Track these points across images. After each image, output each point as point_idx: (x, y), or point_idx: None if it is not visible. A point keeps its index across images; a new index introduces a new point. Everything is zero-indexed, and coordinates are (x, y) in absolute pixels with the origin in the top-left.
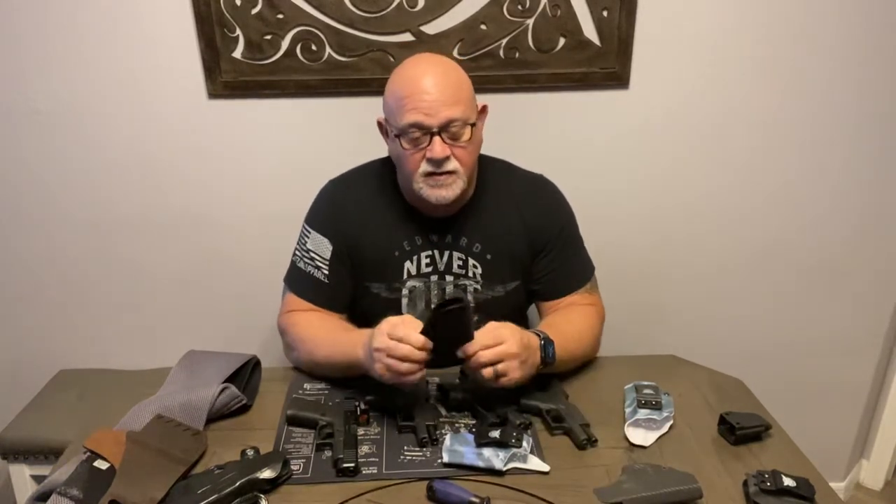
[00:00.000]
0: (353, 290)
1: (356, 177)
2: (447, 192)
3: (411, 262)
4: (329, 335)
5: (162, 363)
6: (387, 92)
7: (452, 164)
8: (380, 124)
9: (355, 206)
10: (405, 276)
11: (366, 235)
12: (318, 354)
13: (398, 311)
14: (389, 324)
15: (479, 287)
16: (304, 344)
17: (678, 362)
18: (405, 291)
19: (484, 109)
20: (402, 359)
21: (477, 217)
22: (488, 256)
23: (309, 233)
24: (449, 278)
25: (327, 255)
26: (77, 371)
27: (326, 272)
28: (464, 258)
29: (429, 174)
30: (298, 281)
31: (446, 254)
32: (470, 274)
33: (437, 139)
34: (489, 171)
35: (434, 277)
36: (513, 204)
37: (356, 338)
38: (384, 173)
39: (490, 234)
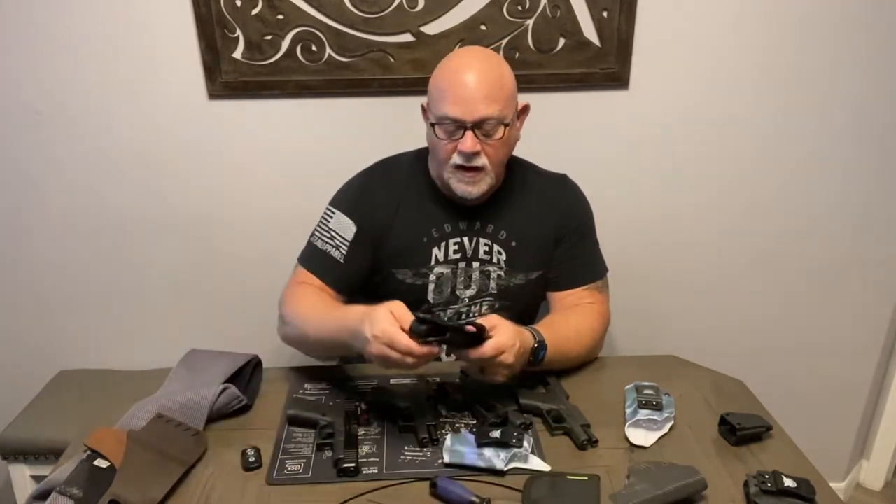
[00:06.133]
0: (372, 277)
1: (387, 166)
2: (473, 188)
3: (439, 248)
4: (319, 311)
5: (162, 363)
6: (431, 79)
7: (481, 161)
8: (423, 108)
9: (385, 194)
10: (433, 262)
11: (395, 223)
12: (305, 329)
13: (423, 297)
14: (389, 315)
15: (502, 274)
16: (294, 317)
17: (679, 363)
18: (432, 278)
19: (525, 109)
20: (402, 352)
21: (504, 206)
22: (513, 244)
23: (333, 213)
24: (475, 264)
25: (349, 236)
26: (77, 371)
27: (344, 252)
28: (490, 244)
29: (458, 167)
30: (312, 257)
31: (474, 240)
32: (495, 260)
33: (469, 133)
34: (517, 166)
35: (462, 264)
36: (538, 197)
37: (344, 315)
38: (415, 163)
39: (516, 222)
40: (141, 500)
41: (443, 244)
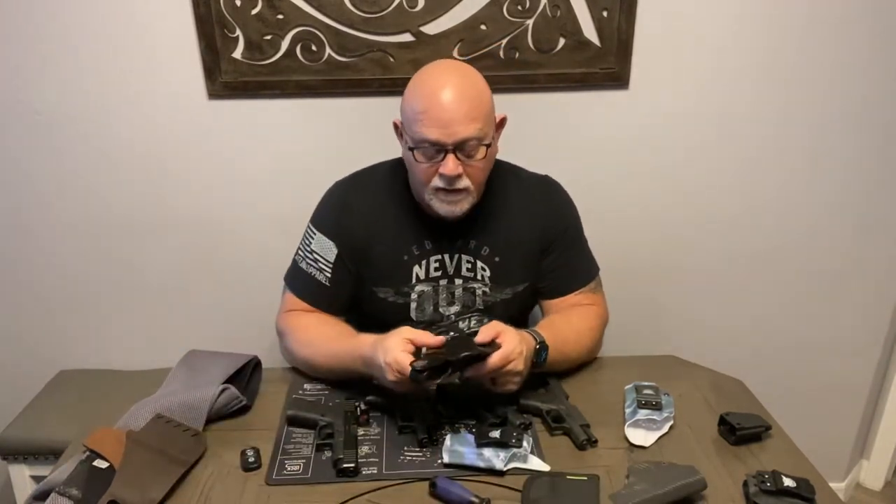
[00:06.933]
0: (356, 294)
1: (365, 179)
2: (457, 208)
3: (420, 266)
4: (328, 343)
5: (162, 363)
6: (405, 99)
7: (464, 183)
8: (396, 126)
9: (364, 210)
10: (414, 280)
11: (374, 240)
12: (316, 361)
13: (406, 316)
14: (401, 342)
15: (487, 290)
16: (303, 349)
17: (678, 363)
18: (414, 296)
19: (502, 122)
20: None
21: (485, 220)
22: (497, 259)
23: (314, 234)
24: (458, 282)
25: (331, 258)
26: (77, 371)
27: (329, 275)
28: (472, 261)
29: (440, 189)
30: (299, 281)
31: (455, 257)
32: (478, 277)
33: (450, 156)
34: (497, 174)
35: (443, 282)
36: (520, 205)
37: (356, 346)
38: (393, 176)
39: (498, 236)
40: (140, 500)
41: (423, 262)
